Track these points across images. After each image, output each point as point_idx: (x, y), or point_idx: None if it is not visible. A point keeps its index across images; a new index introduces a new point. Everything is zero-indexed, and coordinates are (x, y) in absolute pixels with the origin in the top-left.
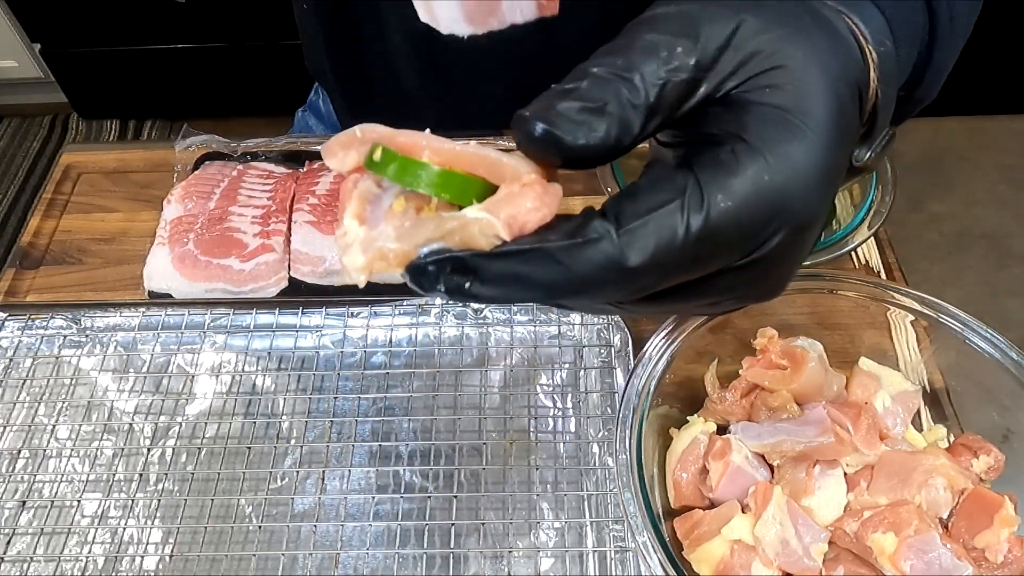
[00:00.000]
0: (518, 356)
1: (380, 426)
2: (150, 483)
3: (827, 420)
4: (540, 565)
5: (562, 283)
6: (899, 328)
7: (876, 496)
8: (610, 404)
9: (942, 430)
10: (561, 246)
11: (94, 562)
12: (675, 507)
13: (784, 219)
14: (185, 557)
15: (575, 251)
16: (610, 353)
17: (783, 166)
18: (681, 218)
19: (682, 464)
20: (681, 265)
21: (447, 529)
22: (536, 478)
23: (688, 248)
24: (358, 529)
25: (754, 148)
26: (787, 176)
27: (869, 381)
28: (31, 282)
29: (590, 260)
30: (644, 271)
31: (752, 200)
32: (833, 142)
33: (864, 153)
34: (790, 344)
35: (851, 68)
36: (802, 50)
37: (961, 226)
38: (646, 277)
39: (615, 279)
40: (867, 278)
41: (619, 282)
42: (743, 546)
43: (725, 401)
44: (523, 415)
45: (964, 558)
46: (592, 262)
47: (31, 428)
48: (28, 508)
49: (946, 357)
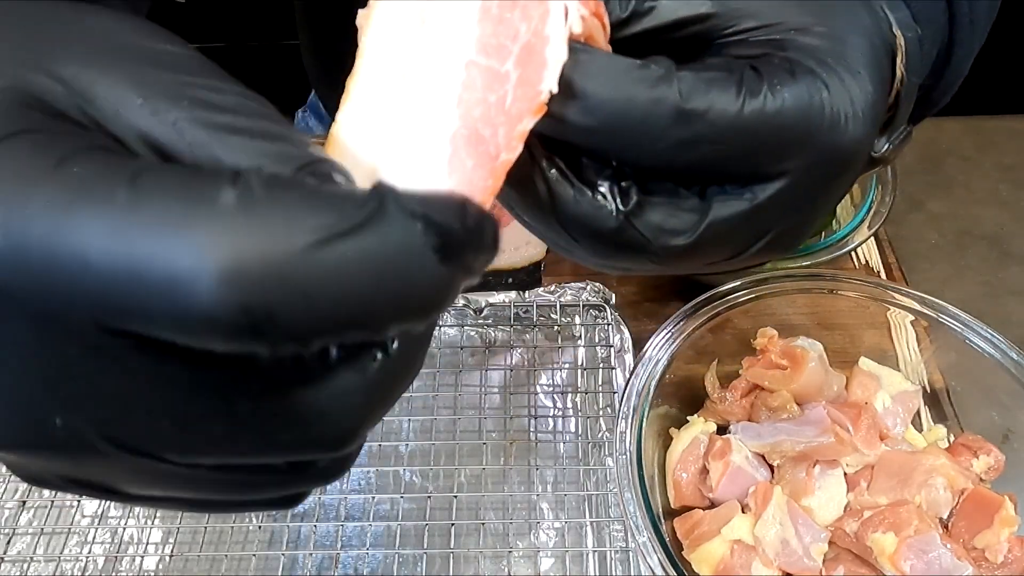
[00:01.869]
0: (518, 356)
1: (380, 426)
2: None
3: (827, 420)
4: (540, 565)
5: (607, 104)
6: (899, 328)
7: (876, 496)
8: (610, 404)
9: (942, 430)
10: (623, 61)
11: (94, 562)
12: (675, 507)
13: (829, 141)
14: (185, 557)
15: (634, 71)
16: (610, 353)
17: (837, 89)
18: (738, 90)
19: (682, 464)
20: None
21: (447, 529)
22: (536, 478)
23: (740, 122)
24: (358, 529)
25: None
26: (840, 100)
27: (869, 381)
28: None
29: (645, 86)
30: (692, 120)
31: (808, 105)
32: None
33: (883, 144)
34: (790, 344)
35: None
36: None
37: (961, 226)
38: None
39: (662, 117)
40: (867, 278)
41: (663, 125)
42: (743, 546)
43: (725, 401)
44: (523, 415)
45: (964, 558)
46: (646, 90)
47: None
48: (28, 508)
49: (946, 357)
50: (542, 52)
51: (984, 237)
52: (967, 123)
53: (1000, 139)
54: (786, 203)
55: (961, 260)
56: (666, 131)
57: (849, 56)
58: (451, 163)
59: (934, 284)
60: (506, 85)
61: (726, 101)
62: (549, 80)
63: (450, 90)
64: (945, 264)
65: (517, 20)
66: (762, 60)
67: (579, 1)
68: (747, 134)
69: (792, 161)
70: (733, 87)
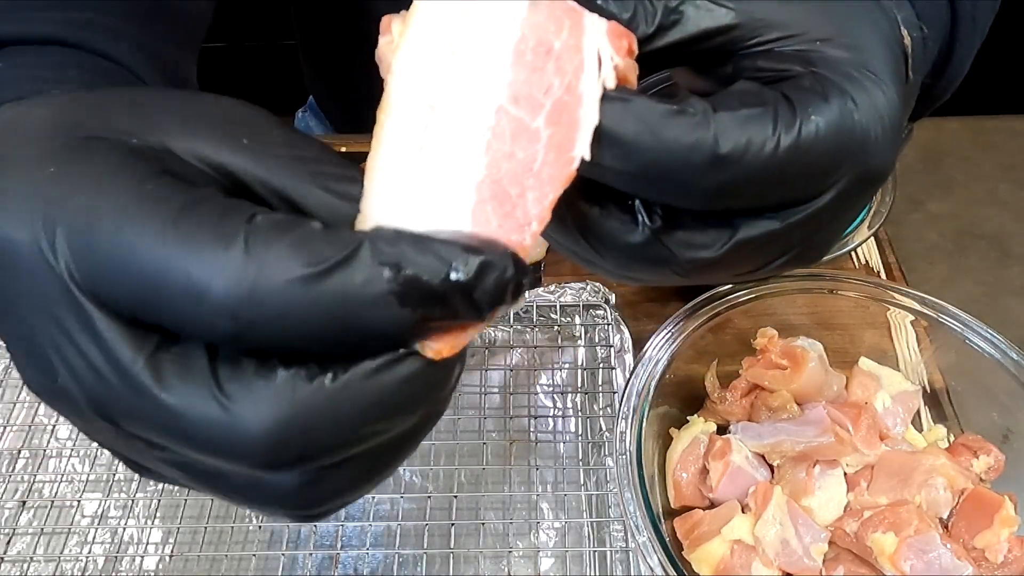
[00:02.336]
0: (518, 356)
1: None
2: (150, 483)
3: (827, 420)
4: (540, 565)
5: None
6: (899, 328)
7: (876, 496)
8: (610, 404)
9: (942, 430)
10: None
11: (94, 562)
12: (675, 507)
13: (861, 161)
14: (185, 557)
15: (670, 117)
16: (610, 353)
17: (866, 106)
18: (773, 126)
19: (682, 464)
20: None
21: (447, 529)
22: (536, 478)
23: (776, 158)
24: (358, 529)
25: (836, 83)
26: (870, 118)
27: (869, 381)
28: None
29: (681, 133)
30: (730, 164)
31: (839, 129)
32: (901, 100)
33: None
34: (790, 344)
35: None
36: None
37: (961, 226)
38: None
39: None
40: (867, 278)
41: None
42: (743, 546)
43: (725, 401)
44: (523, 415)
45: (964, 558)
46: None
47: (31, 428)
48: (28, 508)
49: (946, 357)
50: (575, 112)
51: (984, 237)
52: (967, 123)
53: (1000, 139)
54: (817, 223)
55: (961, 260)
56: (703, 176)
57: (874, 67)
58: (475, 213)
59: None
60: (536, 145)
61: (762, 141)
62: (581, 146)
63: (479, 134)
64: (945, 264)
65: (551, 73)
66: (792, 84)
67: (613, 47)
68: (783, 171)
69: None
70: (769, 125)
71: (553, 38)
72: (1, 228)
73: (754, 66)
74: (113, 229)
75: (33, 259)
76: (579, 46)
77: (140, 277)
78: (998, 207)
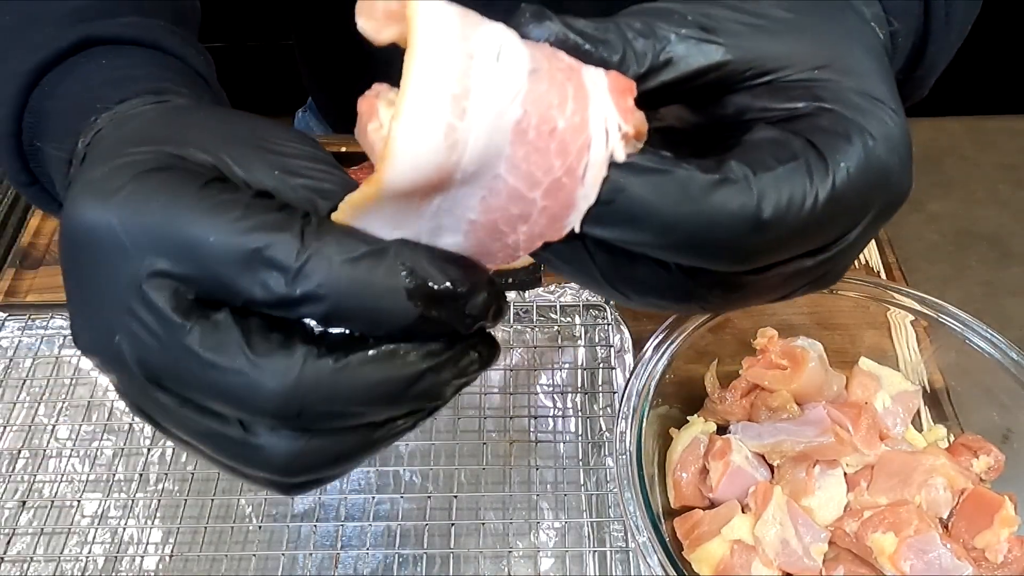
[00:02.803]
0: (518, 356)
1: None
2: (150, 483)
3: (827, 420)
4: (540, 565)
5: (686, 223)
6: (899, 328)
7: (876, 496)
8: (610, 404)
9: (942, 430)
10: (700, 179)
11: (94, 562)
12: (675, 507)
13: (886, 193)
14: (185, 557)
15: (713, 188)
16: (610, 353)
17: (883, 137)
18: (809, 180)
19: (682, 464)
20: (803, 231)
21: (447, 529)
22: (536, 478)
23: (815, 211)
24: (358, 529)
25: (853, 120)
26: (888, 148)
27: (869, 381)
28: (31, 282)
29: (725, 203)
30: (772, 227)
31: (865, 170)
32: (904, 117)
33: None
34: (790, 344)
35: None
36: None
37: (961, 226)
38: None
39: (743, 230)
40: (867, 278)
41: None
42: (743, 546)
43: (725, 401)
44: (523, 415)
45: (964, 558)
46: (727, 206)
47: (31, 428)
48: (28, 508)
49: (946, 357)
50: (573, 193)
51: (984, 237)
52: (967, 123)
53: (1000, 139)
54: (845, 256)
55: (961, 260)
56: (744, 241)
57: (876, 91)
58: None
59: (934, 284)
60: (531, 209)
61: (801, 199)
62: (574, 220)
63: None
64: (945, 264)
65: (553, 154)
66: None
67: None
68: (820, 223)
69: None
70: (805, 179)
71: (557, 115)
72: (88, 214)
73: (760, 105)
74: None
75: (113, 243)
76: (584, 122)
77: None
78: (998, 207)
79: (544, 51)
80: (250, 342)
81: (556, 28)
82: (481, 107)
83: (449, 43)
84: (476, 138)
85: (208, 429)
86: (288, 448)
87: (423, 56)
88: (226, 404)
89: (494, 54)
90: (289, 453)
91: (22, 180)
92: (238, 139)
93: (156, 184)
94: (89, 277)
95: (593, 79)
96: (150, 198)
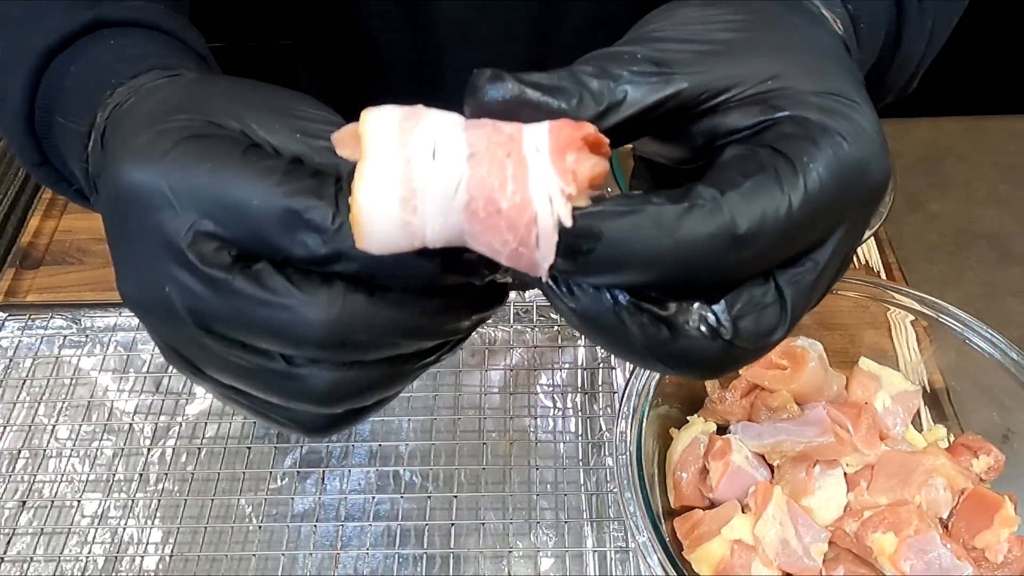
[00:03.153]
0: (518, 356)
1: (380, 426)
2: (150, 483)
3: (827, 420)
4: (540, 565)
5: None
6: (899, 328)
7: (876, 496)
8: (610, 404)
9: (942, 430)
10: (670, 210)
11: (94, 562)
12: (675, 507)
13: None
14: (185, 557)
15: (685, 215)
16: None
17: (852, 134)
18: (780, 188)
19: (682, 464)
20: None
21: (447, 529)
22: (536, 478)
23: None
24: (358, 529)
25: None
26: (859, 143)
27: (869, 381)
28: (31, 282)
29: (700, 227)
30: (750, 241)
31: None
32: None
33: None
34: (790, 344)
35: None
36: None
37: (961, 226)
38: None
39: (722, 249)
40: (867, 278)
41: (724, 253)
42: (743, 546)
43: (725, 401)
44: (523, 415)
45: (964, 558)
46: (702, 230)
47: (31, 428)
48: (28, 508)
49: (946, 357)
50: (532, 257)
51: (984, 237)
52: (967, 123)
53: (1000, 139)
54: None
55: (961, 260)
56: (725, 258)
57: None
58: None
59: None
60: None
61: (775, 208)
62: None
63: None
64: (945, 264)
65: (504, 230)
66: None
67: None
68: (801, 226)
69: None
70: (776, 188)
71: (499, 197)
72: (137, 176)
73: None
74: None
75: (162, 202)
76: (527, 200)
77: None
78: (998, 207)
79: (483, 129)
80: (293, 282)
81: (512, 87)
82: (428, 202)
83: (388, 153)
84: (432, 227)
85: (254, 366)
86: (329, 378)
87: (369, 169)
88: (273, 340)
89: (429, 153)
90: (330, 382)
91: (34, 160)
92: (261, 106)
93: (202, 150)
94: (137, 234)
95: (533, 144)
96: (197, 163)
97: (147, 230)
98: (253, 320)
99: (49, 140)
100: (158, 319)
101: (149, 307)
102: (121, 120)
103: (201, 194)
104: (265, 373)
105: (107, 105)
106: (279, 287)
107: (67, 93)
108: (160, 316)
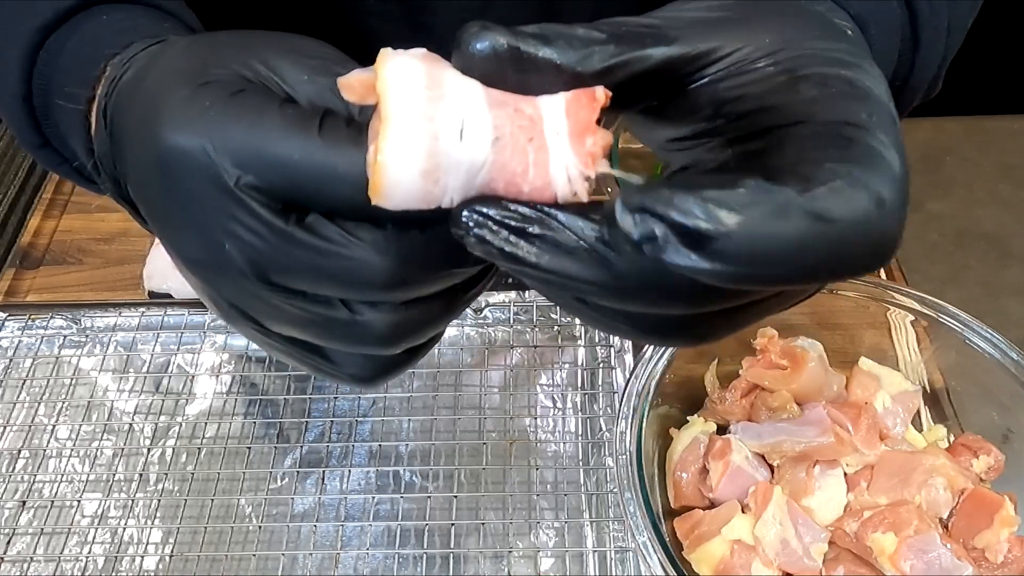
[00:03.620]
0: (518, 356)
1: (380, 426)
2: (150, 483)
3: (827, 420)
4: (540, 565)
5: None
6: (899, 328)
7: (876, 496)
8: (610, 404)
9: (942, 430)
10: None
11: (94, 562)
12: (675, 507)
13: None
14: (185, 557)
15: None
16: (610, 353)
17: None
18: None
19: (682, 464)
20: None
21: (447, 529)
22: (536, 478)
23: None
24: (358, 529)
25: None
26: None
27: (869, 381)
28: (31, 282)
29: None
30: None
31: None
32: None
33: None
34: (790, 344)
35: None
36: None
37: (961, 226)
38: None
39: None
40: (867, 278)
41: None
42: (743, 546)
43: (725, 401)
44: (523, 415)
45: (964, 558)
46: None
47: (31, 428)
48: (28, 508)
49: (946, 357)
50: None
51: (984, 237)
52: (967, 123)
53: (1000, 139)
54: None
55: (961, 260)
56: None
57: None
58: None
59: (934, 284)
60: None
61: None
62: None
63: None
64: (945, 264)
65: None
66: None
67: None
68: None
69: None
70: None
71: (520, 181)
72: (174, 138)
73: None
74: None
75: (203, 162)
76: (547, 183)
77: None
78: (998, 207)
79: (506, 110)
80: (347, 230)
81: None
82: (451, 178)
83: (414, 124)
84: (451, 198)
85: (315, 315)
86: (390, 319)
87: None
88: (336, 286)
89: (456, 133)
90: (391, 323)
91: (34, 142)
92: (273, 50)
93: (239, 105)
94: (188, 196)
95: (553, 128)
96: (237, 119)
97: (198, 190)
98: (315, 269)
99: (49, 121)
100: (219, 277)
101: (210, 265)
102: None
103: (243, 151)
104: (327, 321)
105: (104, 79)
106: (335, 236)
107: (63, 71)
108: (222, 272)
